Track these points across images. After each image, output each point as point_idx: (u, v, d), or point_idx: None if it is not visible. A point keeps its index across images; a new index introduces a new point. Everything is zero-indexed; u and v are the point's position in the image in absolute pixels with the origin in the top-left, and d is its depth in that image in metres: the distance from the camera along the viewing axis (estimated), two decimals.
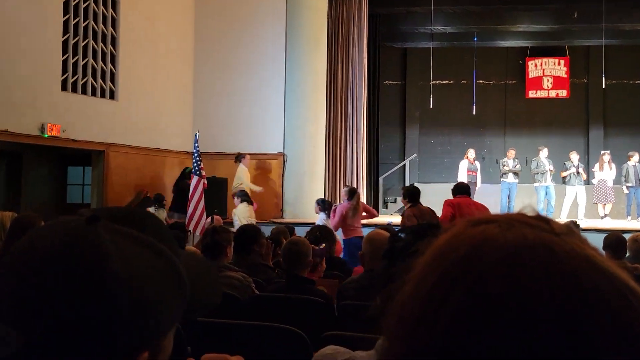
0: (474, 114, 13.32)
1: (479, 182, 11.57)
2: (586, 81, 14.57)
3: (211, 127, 10.72)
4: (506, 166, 11.61)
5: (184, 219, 8.12)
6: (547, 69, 14.34)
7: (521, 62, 14.62)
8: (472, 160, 11.63)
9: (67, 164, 10.96)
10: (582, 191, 11.11)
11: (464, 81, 14.60)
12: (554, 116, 14.46)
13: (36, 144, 8.69)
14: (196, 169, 8.22)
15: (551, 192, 11.20)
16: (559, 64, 14.29)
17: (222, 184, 9.47)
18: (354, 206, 7.26)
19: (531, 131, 14.38)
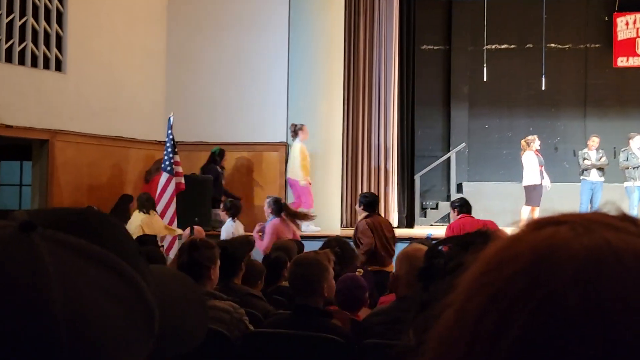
0: (543, 89, 13.23)
1: (549, 182, 11.33)
2: None
3: (189, 108, 10.75)
4: (587, 159, 11.54)
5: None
6: None
7: (607, 19, 14.52)
8: (537, 151, 11.50)
9: (0, 158, 11.04)
10: None
11: (530, 45, 14.52)
12: None
13: None
14: (167, 164, 8.26)
15: None
16: None
17: (204, 185, 9.49)
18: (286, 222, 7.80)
19: (621, 112, 14.29)
